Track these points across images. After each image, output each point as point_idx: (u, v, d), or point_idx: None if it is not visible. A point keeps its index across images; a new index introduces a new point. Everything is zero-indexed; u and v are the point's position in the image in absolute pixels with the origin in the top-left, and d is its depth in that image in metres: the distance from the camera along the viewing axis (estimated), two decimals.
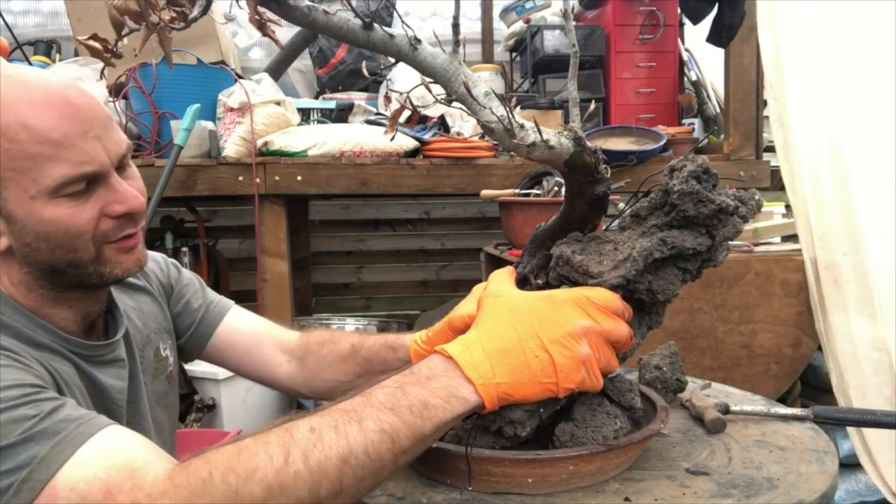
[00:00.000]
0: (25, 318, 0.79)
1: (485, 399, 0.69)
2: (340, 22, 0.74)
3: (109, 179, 0.78)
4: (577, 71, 0.82)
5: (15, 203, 0.74)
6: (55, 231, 0.76)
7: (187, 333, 1.09)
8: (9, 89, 0.73)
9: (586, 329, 0.72)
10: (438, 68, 0.76)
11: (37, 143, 0.72)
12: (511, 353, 0.70)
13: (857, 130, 2.08)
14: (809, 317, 2.05)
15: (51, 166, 0.73)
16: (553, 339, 0.70)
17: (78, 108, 0.76)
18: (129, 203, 0.79)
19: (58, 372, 0.78)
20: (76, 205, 0.76)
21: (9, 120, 0.72)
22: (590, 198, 0.83)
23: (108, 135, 0.78)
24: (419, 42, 0.76)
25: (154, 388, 0.98)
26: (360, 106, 2.76)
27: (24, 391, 0.66)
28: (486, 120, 0.76)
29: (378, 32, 0.75)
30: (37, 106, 0.73)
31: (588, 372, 0.72)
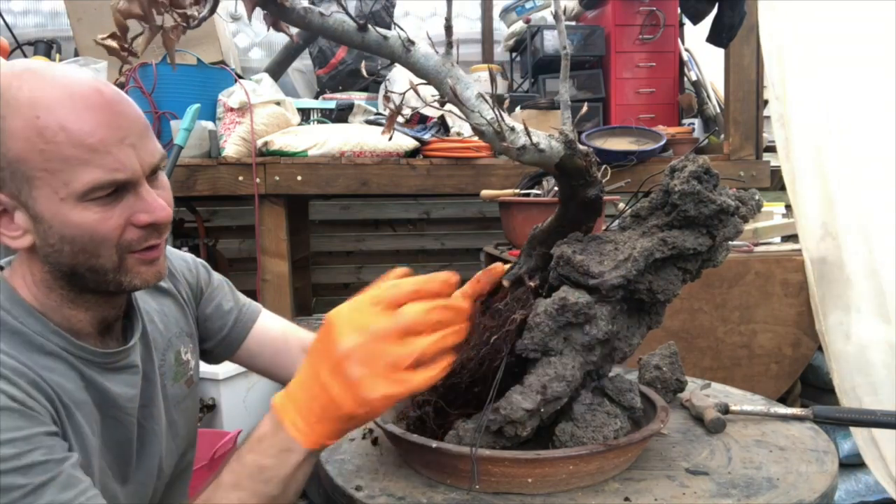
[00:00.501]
0: (39, 324, 0.79)
1: (308, 446, 0.71)
2: (336, 23, 0.74)
3: (139, 188, 0.78)
4: (568, 73, 0.82)
5: (44, 203, 0.74)
6: (80, 235, 0.75)
7: (219, 335, 1.09)
8: (53, 91, 0.74)
9: (351, 350, 0.69)
10: (431, 70, 0.76)
11: (73, 146, 0.73)
12: (311, 393, 0.71)
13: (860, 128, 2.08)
14: (809, 317, 2.05)
15: (83, 170, 0.73)
16: (329, 374, 0.70)
17: (117, 116, 0.76)
18: (155, 214, 0.79)
19: (59, 391, 0.77)
20: (103, 211, 0.76)
21: (49, 121, 0.72)
22: (582, 201, 0.83)
23: (143, 144, 0.78)
24: (412, 44, 0.76)
25: (173, 391, 0.97)
26: (360, 106, 2.75)
27: (17, 449, 0.66)
28: (475, 123, 0.76)
29: (372, 34, 0.75)
30: (78, 110, 0.74)
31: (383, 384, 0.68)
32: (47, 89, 0.74)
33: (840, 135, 2.09)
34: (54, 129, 0.72)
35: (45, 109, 0.73)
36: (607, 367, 0.85)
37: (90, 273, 0.78)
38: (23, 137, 0.72)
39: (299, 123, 2.57)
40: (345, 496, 0.79)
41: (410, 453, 0.84)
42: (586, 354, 0.79)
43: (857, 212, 2.03)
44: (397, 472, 0.84)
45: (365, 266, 3.79)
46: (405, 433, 0.81)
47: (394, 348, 0.69)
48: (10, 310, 0.78)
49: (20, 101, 0.73)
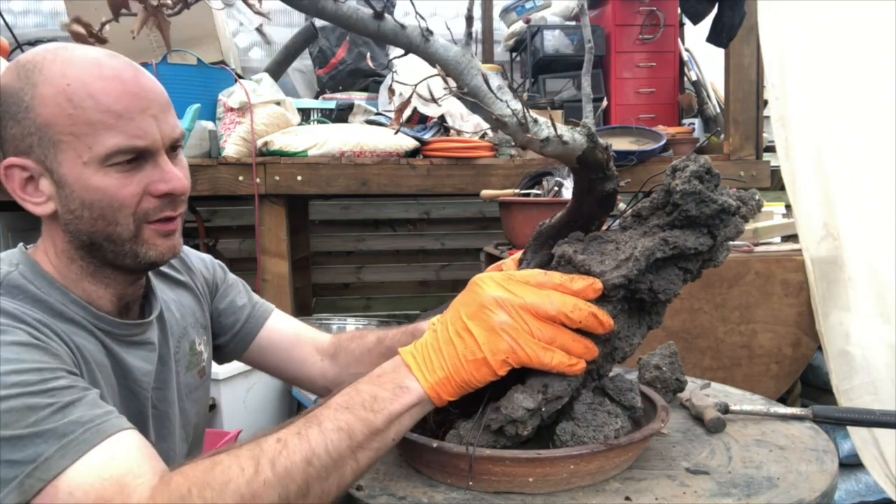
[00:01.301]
0: (59, 293, 0.82)
1: (426, 388, 0.72)
2: (350, 11, 0.73)
3: (158, 158, 0.82)
4: (591, 67, 0.81)
5: (67, 167, 0.78)
6: (99, 200, 0.79)
7: (232, 331, 1.12)
8: (84, 62, 0.79)
9: (499, 299, 0.71)
10: (451, 60, 0.75)
11: (99, 111, 0.77)
12: (441, 340, 0.73)
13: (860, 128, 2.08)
14: (809, 317, 2.05)
15: (107, 135, 0.77)
16: (470, 316, 0.72)
17: (142, 88, 0.81)
18: (172, 183, 0.82)
19: (81, 348, 0.80)
20: (123, 177, 0.79)
21: (78, 88, 0.77)
22: (599, 195, 0.83)
23: (164, 117, 0.83)
24: (431, 33, 0.75)
25: (186, 380, 1.00)
26: (360, 106, 2.76)
27: (42, 376, 0.68)
28: (500, 113, 0.75)
29: (389, 22, 0.74)
30: (106, 79, 0.78)
31: (515, 341, 0.71)
32: (78, 61, 0.79)
33: (840, 135, 2.09)
34: (82, 96, 0.77)
35: (74, 78, 0.77)
36: (608, 367, 0.85)
37: (108, 242, 0.82)
38: (53, 103, 0.77)
39: (299, 123, 2.57)
40: (345, 495, 0.79)
41: (411, 453, 0.84)
42: None
43: (857, 212, 2.03)
44: (398, 471, 0.84)
45: (365, 266, 3.79)
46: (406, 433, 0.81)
47: (546, 324, 0.72)
48: (32, 280, 0.81)
49: (53, 72, 0.78)
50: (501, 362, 0.71)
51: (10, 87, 0.79)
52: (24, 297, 0.79)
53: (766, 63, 2.20)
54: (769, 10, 2.22)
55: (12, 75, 0.80)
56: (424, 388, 0.72)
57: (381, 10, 0.73)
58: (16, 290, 0.79)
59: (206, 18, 2.60)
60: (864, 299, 1.98)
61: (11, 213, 2.39)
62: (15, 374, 0.67)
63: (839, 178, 2.07)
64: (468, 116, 2.54)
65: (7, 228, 2.38)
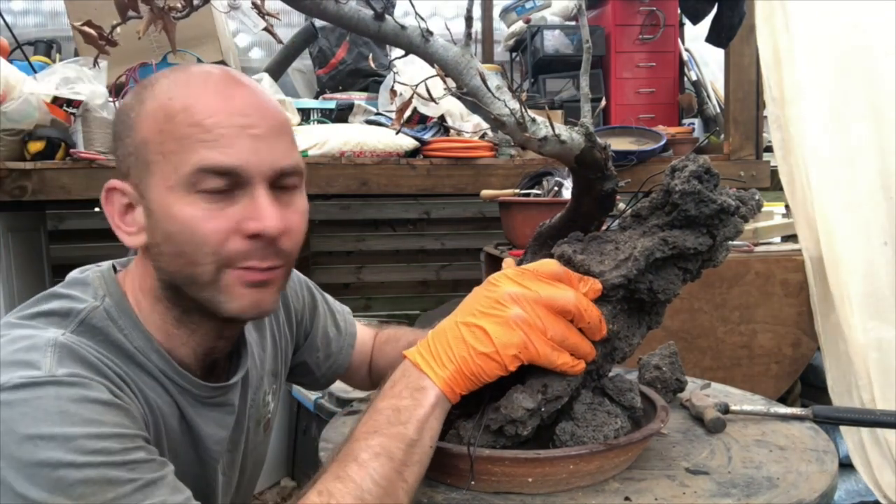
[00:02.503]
0: (143, 339, 0.75)
1: (439, 384, 0.69)
2: (351, 11, 0.73)
3: (255, 190, 0.71)
4: (589, 66, 0.81)
5: (154, 192, 0.71)
6: (180, 232, 0.70)
7: (326, 364, 1.06)
8: (192, 76, 0.74)
9: (514, 294, 0.70)
10: (450, 60, 0.75)
11: (189, 125, 0.69)
12: (449, 334, 0.71)
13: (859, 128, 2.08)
14: (809, 317, 2.05)
15: (193, 151, 0.69)
16: (483, 310, 0.70)
17: (247, 105, 0.72)
18: (265, 222, 0.70)
19: (155, 409, 0.74)
20: (210, 208, 0.69)
21: (177, 101, 0.71)
22: (598, 194, 0.83)
23: (272, 141, 0.72)
24: (431, 34, 0.75)
25: (254, 437, 0.92)
26: (360, 106, 2.75)
27: (123, 444, 0.62)
28: (498, 113, 0.75)
29: (389, 23, 0.74)
30: (207, 93, 0.72)
31: (529, 336, 0.69)
32: (190, 80, 0.73)
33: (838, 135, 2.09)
34: (177, 109, 0.70)
35: (178, 92, 0.72)
36: (607, 367, 0.85)
37: (187, 284, 0.73)
38: (152, 118, 0.71)
39: (299, 123, 2.57)
40: None
41: None
42: None
43: (855, 212, 2.03)
44: None
45: (365, 266, 3.79)
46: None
47: (557, 320, 0.71)
48: (116, 319, 0.74)
49: (161, 87, 0.73)
50: (512, 357, 0.69)
51: (125, 105, 0.75)
52: (103, 339, 0.72)
53: (763, 63, 2.20)
54: (765, 10, 2.22)
55: (130, 94, 0.76)
56: (438, 384, 0.69)
57: (381, 10, 0.73)
58: (96, 330, 0.72)
59: (206, 18, 2.60)
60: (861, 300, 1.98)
61: (12, 213, 2.39)
62: (96, 438, 0.61)
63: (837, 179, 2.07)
64: (468, 116, 2.54)
65: (7, 228, 2.38)
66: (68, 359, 0.66)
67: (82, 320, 0.72)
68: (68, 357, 0.66)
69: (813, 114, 2.10)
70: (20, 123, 2.08)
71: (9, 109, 2.04)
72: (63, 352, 0.66)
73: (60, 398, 0.62)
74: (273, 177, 0.72)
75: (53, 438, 0.59)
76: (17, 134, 2.11)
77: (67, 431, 0.60)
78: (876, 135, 2.05)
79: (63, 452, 0.59)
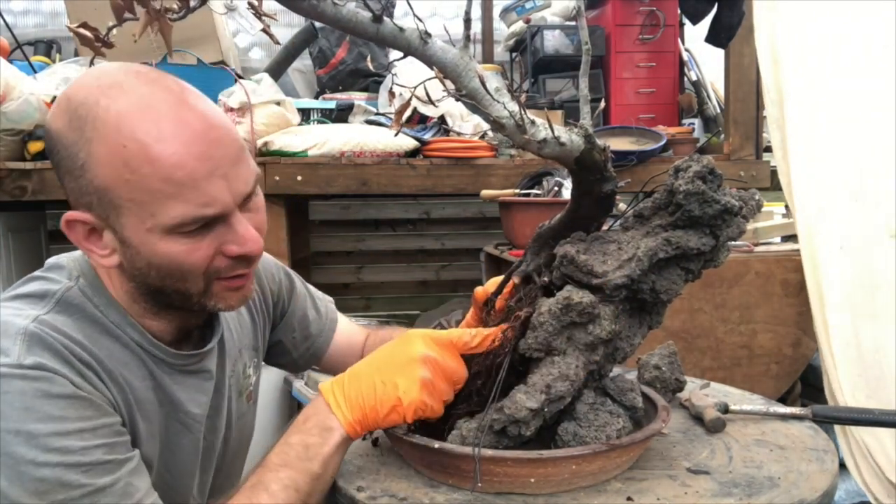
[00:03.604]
0: (118, 314, 0.79)
1: (346, 427, 0.77)
2: (349, 14, 0.73)
3: (230, 218, 0.75)
4: (588, 68, 0.82)
5: (130, 230, 0.72)
6: (168, 264, 0.74)
7: (304, 345, 1.10)
8: (141, 116, 0.70)
9: (425, 357, 0.78)
10: (449, 63, 0.76)
11: (159, 179, 0.69)
12: (363, 382, 0.78)
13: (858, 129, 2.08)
14: (809, 317, 2.05)
15: (170, 205, 0.70)
16: (397, 367, 0.78)
17: (209, 144, 0.72)
18: (246, 246, 0.76)
19: (128, 385, 0.77)
20: (192, 242, 0.73)
21: (135, 151, 0.69)
22: (597, 196, 0.83)
23: (235, 172, 0.74)
24: (430, 36, 0.75)
25: (237, 406, 0.96)
26: (360, 106, 2.76)
27: (84, 442, 0.67)
28: (497, 115, 0.75)
29: (388, 25, 0.74)
30: (165, 140, 0.69)
31: (430, 395, 0.77)
32: (134, 113, 0.70)
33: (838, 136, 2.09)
34: (140, 161, 0.69)
35: (131, 138, 0.69)
36: (609, 367, 0.85)
37: (176, 294, 0.77)
38: (109, 165, 0.70)
39: (299, 123, 2.57)
40: (346, 497, 0.79)
41: (412, 454, 0.84)
42: (589, 354, 0.79)
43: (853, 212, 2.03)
44: (398, 472, 0.84)
45: (365, 266, 3.79)
46: (407, 434, 0.81)
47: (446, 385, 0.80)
48: (91, 297, 0.78)
49: (107, 125, 0.69)
50: (412, 412, 0.77)
51: (63, 137, 0.72)
52: (80, 315, 0.76)
53: (762, 65, 2.21)
54: (763, 10, 2.22)
55: (63, 121, 0.72)
56: (344, 426, 0.77)
57: (380, 12, 0.73)
58: (72, 307, 0.76)
59: (206, 19, 2.60)
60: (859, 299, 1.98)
61: (11, 213, 2.39)
62: (56, 436, 0.66)
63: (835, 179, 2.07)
64: (468, 117, 2.54)
65: (7, 228, 2.38)
66: (37, 346, 0.70)
67: (59, 299, 0.76)
68: (37, 345, 0.70)
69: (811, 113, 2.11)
70: (20, 123, 2.08)
71: (9, 109, 2.04)
72: (32, 340, 0.70)
73: (25, 393, 0.66)
74: (241, 202, 0.76)
75: (18, 434, 0.65)
76: (17, 134, 2.11)
77: (31, 428, 0.65)
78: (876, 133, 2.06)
79: (26, 449, 0.65)
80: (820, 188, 2.08)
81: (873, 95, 2.08)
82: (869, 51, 2.10)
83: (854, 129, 2.08)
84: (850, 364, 1.93)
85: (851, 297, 1.97)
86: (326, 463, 0.76)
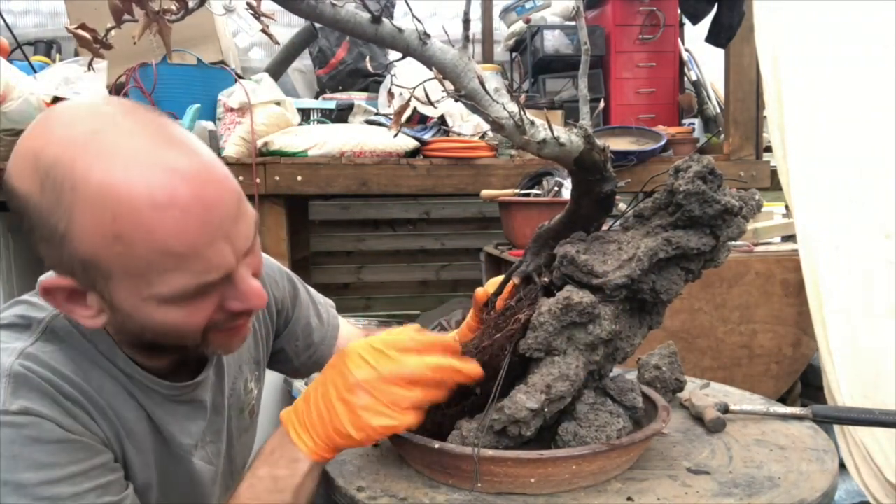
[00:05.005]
0: (106, 344, 0.75)
1: (311, 456, 0.76)
2: (348, 15, 0.72)
3: (233, 277, 0.70)
4: (587, 68, 0.82)
5: (122, 297, 0.66)
6: (164, 332, 0.70)
7: (307, 353, 1.08)
8: (128, 181, 0.61)
9: (362, 382, 0.74)
10: (448, 64, 0.75)
11: (156, 252, 0.63)
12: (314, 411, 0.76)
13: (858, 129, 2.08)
14: (809, 317, 2.05)
15: (169, 276, 0.64)
16: (337, 396, 0.75)
17: (207, 209, 0.64)
18: (250, 302, 0.71)
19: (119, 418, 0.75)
20: (191, 306, 0.68)
21: (126, 224, 0.61)
22: (597, 196, 0.83)
23: (236, 231, 0.68)
24: (428, 37, 0.75)
25: (238, 423, 0.95)
26: (360, 106, 2.76)
27: (74, 488, 0.66)
28: (496, 116, 0.75)
29: (387, 26, 0.74)
30: (160, 206, 0.61)
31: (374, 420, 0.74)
32: (120, 175, 0.61)
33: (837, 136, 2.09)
34: (132, 232, 0.61)
35: (119, 208, 0.61)
36: (609, 367, 0.85)
37: (172, 347, 0.75)
38: (97, 236, 0.62)
39: (299, 123, 2.57)
40: (346, 497, 0.79)
41: (412, 454, 0.84)
42: (589, 354, 0.79)
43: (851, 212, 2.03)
44: (398, 472, 0.84)
45: (365, 266, 3.79)
46: (407, 434, 0.81)
47: (397, 390, 0.74)
48: (79, 325, 0.74)
49: (90, 191, 0.61)
50: (365, 437, 0.75)
51: (35, 203, 0.63)
52: (67, 345, 0.72)
53: (762, 66, 2.21)
54: (764, 10, 2.22)
55: (33, 183, 0.62)
56: (310, 456, 0.76)
57: (378, 13, 0.73)
58: (58, 338, 0.72)
59: (207, 19, 2.60)
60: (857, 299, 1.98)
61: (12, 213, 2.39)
62: (46, 485, 0.64)
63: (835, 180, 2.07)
64: (468, 116, 2.54)
65: (7, 228, 2.38)
66: (23, 388, 0.67)
67: (45, 328, 0.73)
68: (23, 387, 0.67)
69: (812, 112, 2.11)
70: (20, 123, 2.08)
71: (9, 109, 2.04)
72: (18, 382, 0.67)
73: (13, 441, 0.64)
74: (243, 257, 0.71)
75: (6, 484, 0.63)
76: (17, 134, 2.10)
77: (20, 478, 0.63)
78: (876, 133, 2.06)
79: (15, 499, 0.63)
80: (819, 188, 2.08)
81: (873, 95, 2.08)
82: (869, 51, 2.11)
83: (854, 129, 2.09)
84: (848, 364, 1.93)
85: (849, 297, 1.98)
86: (298, 492, 0.76)
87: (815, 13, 2.15)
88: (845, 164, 2.07)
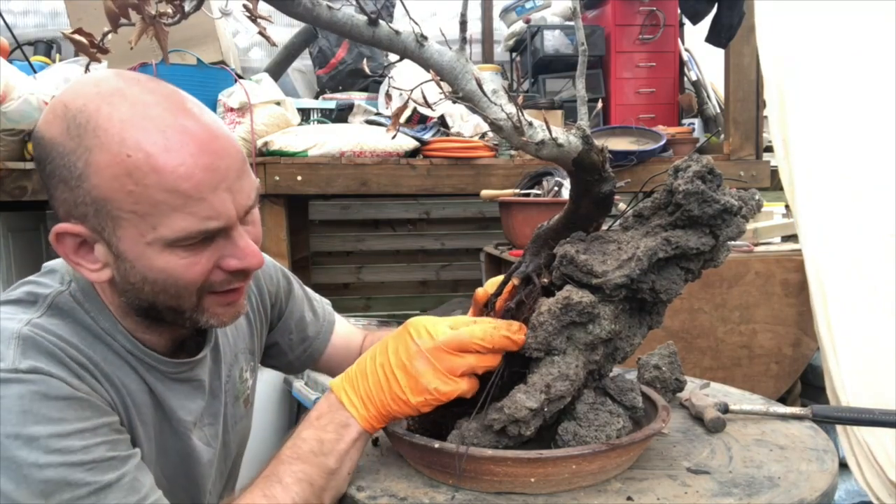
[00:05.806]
0: (108, 322, 0.78)
1: (362, 423, 0.77)
2: (345, 17, 0.73)
3: (231, 232, 0.74)
4: (585, 69, 0.82)
5: (128, 244, 0.70)
6: (164, 279, 0.72)
7: (301, 347, 1.10)
8: (146, 125, 0.68)
9: (423, 351, 0.76)
10: (445, 65, 0.75)
11: (164, 190, 0.68)
12: (370, 379, 0.78)
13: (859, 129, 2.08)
14: (809, 317, 2.05)
15: (174, 217, 0.69)
16: (397, 363, 0.77)
17: (214, 156, 0.70)
18: (247, 261, 0.75)
19: (124, 387, 0.77)
20: (191, 256, 0.72)
21: (140, 161, 0.67)
22: (596, 197, 0.83)
23: (239, 185, 0.73)
24: (425, 39, 0.75)
25: (233, 411, 0.96)
26: (360, 106, 2.76)
27: (85, 441, 0.67)
28: (494, 117, 0.75)
29: (383, 28, 0.74)
30: (172, 150, 0.68)
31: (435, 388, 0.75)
32: (138, 122, 0.68)
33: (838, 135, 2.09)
34: (145, 171, 0.67)
35: (135, 147, 0.67)
36: (609, 367, 0.85)
37: (168, 311, 0.77)
38: (110, 175, 0.67)
39: (299, 123, 2.57)
40: (346, 497, 0.79)
41: (412, 454, 0.84)
42: (589, 354, 0.79)
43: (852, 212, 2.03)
44: (399, 472, 0.84)
45: (365, 266, 3.79)
46: (407, 433, 0.81)
47: (453, 358, 0.76)
48: (83, 302, 0.77)
49: (110, 134, 0.67)
50: (423, 401, 0.76)
51: (59, 145, 0.69)
52: (71, 321, 0.75)
53: (763, 66, 2.21)
54: (765, 10, 2.22)
55: (59, 128, 0.69)
56: (361, 423, 0.77)
57: (376, 14, 0.73)
58: (63, 312, 0.75)
59: (206, 19, 2.60)
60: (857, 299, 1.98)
61: (11, 213, 2.39)
62: (57, 437, 0.66)
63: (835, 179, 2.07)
64: (468, 116, 2.54)
65: (7, 228, 2.38)
66: (31, 350, 0.69)
67: (50, 304, 0.76)
68: (32, 349, 0.70)
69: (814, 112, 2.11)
70: (20, 123, 2.09)
71: (9, 109, 2.04)
72: (26, 343, 0.70)
73: (23, 397, 0.66)
74: (244, 215, 0.75)
75: (18, 437, 0.64)
76: (17, 134, 2.11)
77: (31, 431, 0.65)
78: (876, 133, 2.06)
79: (27, 452, 0.64)
80: (822, 187, 2.08)
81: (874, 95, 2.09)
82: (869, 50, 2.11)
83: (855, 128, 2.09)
84: (852, 363, 1.93)
85: (853, 296, 1.98)
86: (342, 458, 0.76)
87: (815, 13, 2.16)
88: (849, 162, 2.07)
